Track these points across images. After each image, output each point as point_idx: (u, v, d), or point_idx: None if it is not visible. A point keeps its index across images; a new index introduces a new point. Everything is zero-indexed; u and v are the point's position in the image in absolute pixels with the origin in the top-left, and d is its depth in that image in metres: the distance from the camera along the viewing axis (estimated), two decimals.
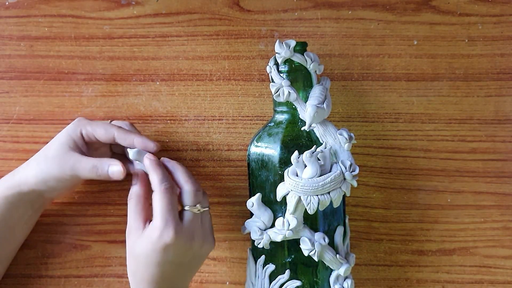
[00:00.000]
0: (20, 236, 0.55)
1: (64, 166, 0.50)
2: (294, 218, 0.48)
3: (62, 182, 0.51)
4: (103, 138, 0.51)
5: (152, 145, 0.50)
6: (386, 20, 0.56)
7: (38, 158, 0.52)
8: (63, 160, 0.50)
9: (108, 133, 0.50)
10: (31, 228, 0.56)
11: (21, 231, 0.54)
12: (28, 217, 0.53)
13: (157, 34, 0.57)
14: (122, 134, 0.50)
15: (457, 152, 0.57)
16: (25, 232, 0.55)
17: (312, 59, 0.50)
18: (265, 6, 0.56)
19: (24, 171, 0.51)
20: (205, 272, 0.59)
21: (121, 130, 0.51)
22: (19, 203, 0.52)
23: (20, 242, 0.56)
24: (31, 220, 0.54)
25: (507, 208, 0.58)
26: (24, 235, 0.55)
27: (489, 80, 0.57)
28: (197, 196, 0.49)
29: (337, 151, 0.49)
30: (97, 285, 0.59)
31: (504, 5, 0.56)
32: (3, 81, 0.57)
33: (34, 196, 0.52)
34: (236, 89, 0.57)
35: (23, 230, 0.54)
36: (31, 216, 0.54)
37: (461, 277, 0.59)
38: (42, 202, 0.53)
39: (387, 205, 0.58)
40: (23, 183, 0.51)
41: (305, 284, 0.52)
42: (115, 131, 0.50)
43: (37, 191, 0.51)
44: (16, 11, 0.56)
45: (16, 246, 0.55)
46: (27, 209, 0.53)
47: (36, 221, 0.56)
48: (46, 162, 0.50)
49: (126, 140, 0.50)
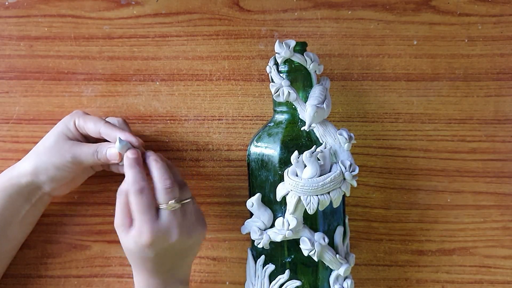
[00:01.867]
0: (18, 234, 0.54)
1: (64, 153, 0.50)
2: (294, 218, 0.48)
3: (63, 171, 0.51)
4: (91, 132, 0.51)
5: (134, 140, 0.50)
6: (386, 20, 0.56)
7: (36, 149, 0.52)
8: (63, 148, 0.51)
9: (96, 127, 0.51)
10: (31, 228, 0.56)
11: (19, 228, 0.54)
12: (26, 212, 0.53)
13: (157, 34, 0.57)
14: (107, 129, 0.51)
15: (457, 152, 0.57)
16: (23, 229, 0.55)
17: (312, 59, 0.50)
18: (265, 6, 0.56)
19: (23, 164, 0.52)
20: (205, 272, 0.59)
21: (107, 125, 0.51)
22: (16, 196, 0.51)
23: (19, 241, 0.55)
24: (30, 217, 0.54)
25: (507, 208, 0.58)
26: (22, 233, 0.55)
27: (489, 80, 0.57)
28: (170, 193, 0.48)
29: (337, 151, 0.49)
30: (97, 285, 0.59)
31: (504, 5, 0.56)
32: (3, 81, 0.57)
33: (32, 189, 0.52)
34: (236, 89, 0.57)
35: (21, 227, 0.54)
36: (29, 212, 0.53)
37: (461, 277, 0.59)
38: (40, 197, 0.53)
39: (387, 205, 0.58)
40: (22, 175, 0.51)
41: (305, 284, 0.52)
42: (101, 126, 0.51)
43: (35, 183, 0.51)
44: (16, 11, 0.56)
45: (15, 244, 0.55)
46: (25, 203, 0.52)
47: (35, 221, 0.55)
48: (46, 152, 0.51)
49: (110, 135, 0.51)
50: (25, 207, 0.53)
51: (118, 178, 0.57)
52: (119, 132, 0.51)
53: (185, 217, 0.49)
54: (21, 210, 0.53)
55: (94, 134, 0.52)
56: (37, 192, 0.53)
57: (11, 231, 0.53)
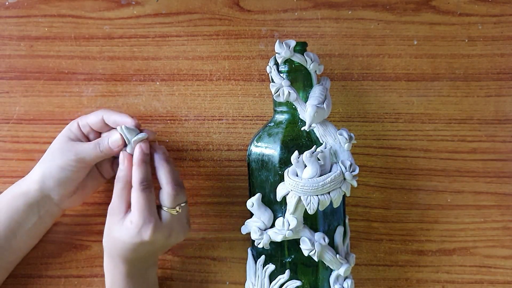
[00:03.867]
0: (23, 246, 0.54)
1: (67, 153, 0.51)
2: (294, 218, 0.48)
3: (67, 171, 0.51)
4: (94, 123, 0.52)
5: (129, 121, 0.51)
6: (386, 20, 0.56)
7: (43, 157, 0.52)
8: (65, 149, 0.51)
9: (97, 116, 0.52)
10: (37, 240, 0.55)
11: (25, 240, 0.53)
12: (33, 224, 0.52)
13: (157, 34, 0.57)
14: (107, 115, 0.52)
15: (457, 152, 0.57)
16: (29, 241, 0.54)
17: (312, 59, 0.50)
18: (265, 6, 0.56)
19: (31, 173, 0.52)
20: (205, 272, 0.59)
21: (105, 110, 0.52)
22: (23, 207, 0.51)
23: (23, 252, 0.55)
24: (37, 230, 0.54)
25: (507, 208, 0.58)
26: (27, 245, 0.55)
27: (489, 80, 0.57)
28: (177, 200, 0.50)
29: (337, 151, 0.49)
30: (97, 285, 0.59)
31: (504, 5, 0.56)
32: (3, 81, 0.57)
33: (40, 199, 0.51)
34: (236, 89, 0.57)
35: (27, 239, 0.54)
36: (36, 224, 0.53)
37: (461, 277, 0.59)
38: (48, 208, 0.52)
39: (387, 205, 0.58)
40: (29, 183, 0.51)
41: (305, 284, 0.52)
42: (103, 113, 0.52)
43: (43, 192, 0.51)
44: (16, 11, 0.56)
45: (18, 256, 0.55)
46: (32, 215, 0.52)
47: (42, 234, 0.55)
48: (50, 156, 0.51)
49: (111, 117, 0.51)
50: (32, 219, 0.52)
51: None
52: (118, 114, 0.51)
53: (180, 220, 0.51)
54: (28, 222, 0.52)
55: (96, 124, 0.52)
56: (45, 203, 0.52)
57: (16, 242, 0.53)
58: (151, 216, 0.48)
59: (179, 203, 0.50)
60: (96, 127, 0.52)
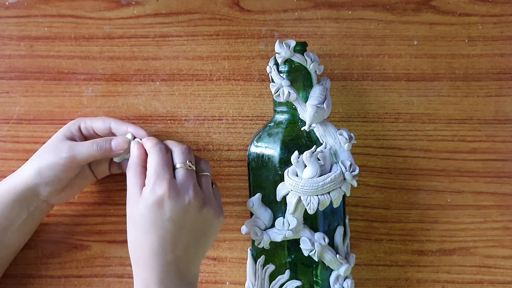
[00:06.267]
0: (15, 241, 0.54)
1: (59, 151, 0.50)
2: (294, 218, 0.48)
3: (56, 170, 0.50)
4: (100, 129, 0.53)
5: (143, 133, 0.52)
6: (386, 20, 0.56)
7: (36, 153, 0.52)
8: (58, 147, 0.51)
9: (106, 123, 0.53)
10: (28, 236, 0.55)
11: (16, 236, 0.53)
12: (23, 220, 0.52)
13: (157, 34, 0.57)
14: (117, 123, 0.53)
15: (457, 152, 0.57)
16: (20, 237, 0.54)
17: (312, 59, 0.50)
18: (265, 6, 0.56)
19: (21, 168, 0.52)
20: (205, 272, 0.59)
21: (117, 120, 0.53)
22: (13, 203, 0.51)
23: (16, 248, 0.55)
24: (27, 225, 0.53)
25: (507, 208, 0.58)
26: (19, 241, 0.54)
27: (489, 80, 0.57)
28: (186, 154, 0.49)
29: (337, 151, 0.49)
30: (97, 285, 0.59)
31: (504, 5, 0.56)
32: (3, 81, 0.57)
33: (28, 195, 0.51)
34: (236, 89, 0.57)
35: (18, 235, 0.53)
36: (26, 220, 0.52)
37: (461, 277, 0.59)
38: (37, 204, 0.52)
39: (387, 205, 0.58)
40: (19, 180, 0.51)
41: (305, 284, 0.52)
42: (111, 121, 0.53)
43: (32, 189, 0.51)
44: (16, 11, 0.56)
45: (12, 251, 0.54)
46: (22, 211, 0.52)
47: (33, 229, 0.55)
48: (41, 152, 0.52)
49: (120, 129, 0.52)
50: (22, 215, 0.52)
51: (118, 178, 0.57)
52: (129, 125, 0.52)
53: (205, 187, 0.50)
54: (18, 218, 0.52)
55: (102, 131, 0.53)
56: (34, 199, 0.52)
57: (7, 238, 0.52)
58: (166, 171, 0.47)
59: (189, 159, 0.49)
60: (100, 133, 0.53)
